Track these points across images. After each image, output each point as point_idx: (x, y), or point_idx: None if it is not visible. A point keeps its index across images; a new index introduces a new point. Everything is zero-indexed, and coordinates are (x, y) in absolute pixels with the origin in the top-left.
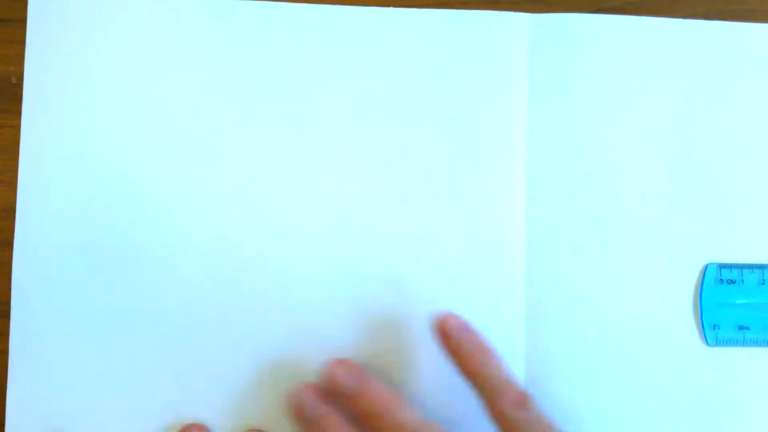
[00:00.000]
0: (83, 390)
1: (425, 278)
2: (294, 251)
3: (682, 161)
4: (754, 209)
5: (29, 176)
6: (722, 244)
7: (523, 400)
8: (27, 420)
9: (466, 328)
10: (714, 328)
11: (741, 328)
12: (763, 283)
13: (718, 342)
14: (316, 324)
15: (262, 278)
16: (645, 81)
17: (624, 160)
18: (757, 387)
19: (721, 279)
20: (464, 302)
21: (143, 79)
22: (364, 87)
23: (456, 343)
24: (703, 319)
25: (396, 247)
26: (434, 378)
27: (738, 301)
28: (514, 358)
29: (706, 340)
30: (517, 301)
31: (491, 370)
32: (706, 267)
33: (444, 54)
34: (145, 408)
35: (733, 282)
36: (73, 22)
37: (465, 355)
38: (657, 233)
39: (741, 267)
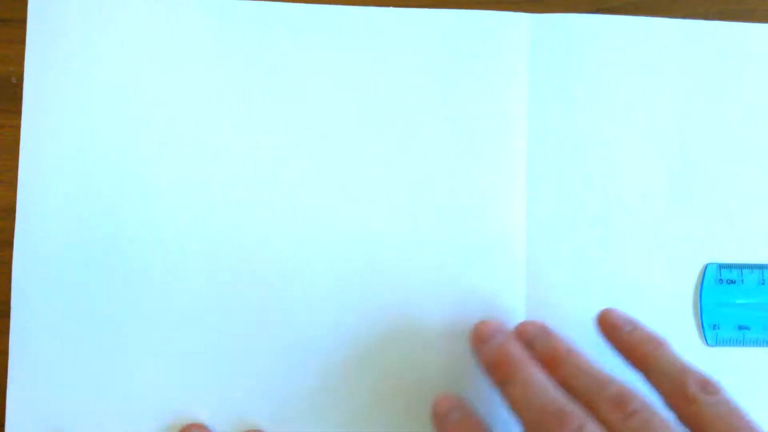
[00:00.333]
0: (83, 390)
1: (426, 278)
2: (294, 251)
3: (682, 161)
4: (754, 209)
5: (29, 176)
6: (722, 244)
7: (706, 383)
8: (27, 420)
9: (632, 320)
10: (714, 328)
11: (741, 328)
12: (763, 283)
13: (718, 342)
14: (316, 323)
15: (262, 278)
16: (645, 81)
17: (624, 160)
18: (757, 387)
19: (720, 279)
20: (464, 302)
21: (143, 79)
22: (365, 87)
23: (626, 335)
24: (703, 319)
25: (396, 246)
26: (435, 375)
27: (738, 301)
28: None
29: (706, 340)
30: (517, 300)
31: (668, 358)
32: (706, 267)
33: (444, 54)
34: (145, 408)
35: (732, 282)
36: (73, 22)
37: (636, 345)
38: (657, 233)
39: (741, 267)
